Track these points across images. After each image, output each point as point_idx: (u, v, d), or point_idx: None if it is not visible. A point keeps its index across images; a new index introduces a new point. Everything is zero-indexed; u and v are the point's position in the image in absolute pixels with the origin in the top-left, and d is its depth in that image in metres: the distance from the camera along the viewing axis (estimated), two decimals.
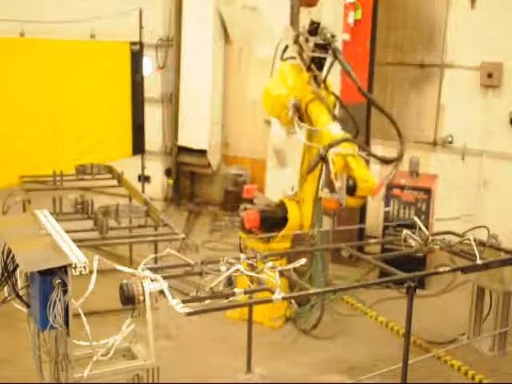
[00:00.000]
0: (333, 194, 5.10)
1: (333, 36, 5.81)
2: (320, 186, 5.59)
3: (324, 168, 5.37)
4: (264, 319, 6.37)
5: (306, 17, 7.26)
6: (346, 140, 5.38)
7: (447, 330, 6.28)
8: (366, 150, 5.44)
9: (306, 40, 5.89)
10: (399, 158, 5.54)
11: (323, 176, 5.42)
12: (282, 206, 6.42)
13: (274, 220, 6.37)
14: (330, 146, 5.30)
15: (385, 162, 5.66)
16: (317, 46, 5.85)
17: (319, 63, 5.97)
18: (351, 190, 5.27)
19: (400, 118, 9.07)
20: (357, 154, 5.33)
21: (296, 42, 6.06)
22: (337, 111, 6.38)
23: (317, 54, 5.86)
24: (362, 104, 8.01)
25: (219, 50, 10.30)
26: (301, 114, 5.99)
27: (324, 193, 5.18)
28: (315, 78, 5.99)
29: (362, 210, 8.34)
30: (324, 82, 6.05)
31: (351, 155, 5.33)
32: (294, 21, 5.98)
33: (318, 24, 5.85)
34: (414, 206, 7.54)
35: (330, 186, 5.04)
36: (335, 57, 5.82)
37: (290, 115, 5.95)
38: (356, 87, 5.71)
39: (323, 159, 5.25)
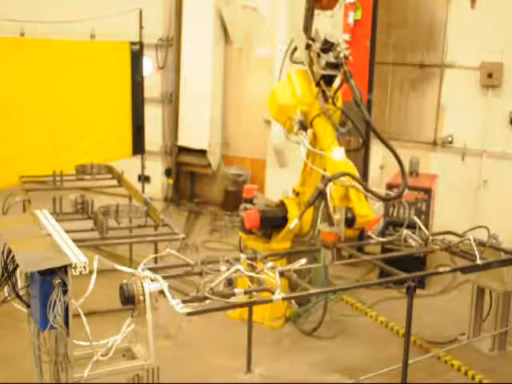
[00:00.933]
0: (331, 227, 5.11)
1: (346, 57, 5.70)
2: (318, 220, 5.60)
3: (323, 202, 5.33)
4: (264, 319, 6.37)
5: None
6: (345, 174, 5.36)
7: (447, 330, 6.28)
8: (364, 186, 5.40)
9: (318, 55, 5.77)
10: (398, 196, 5.53)
11: (321, 210, 5.42)
12: (281, 206, 6.42)
13: (274, 220, 6.37)
14: (329, 180, 5.29)
15: (383, 199, 5.63)
16: (328, 64, 5.73)
17: (329, 79, 5.87)
18: (349, 223, 5.28)
19: (400, 118, 9.10)
20: (357, 186, 5.33)
21: (307, 48, 5.98)
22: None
23: (327, 73, 5.74)
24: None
25: (219, 50, 10.30)
26: (306, 125, 5.95)
27: (322, 226, 5.19)
28: (323, 92, 5.90)
29: None
30: (332, 98, 5.94)
31: (352, 186, 5.34)
32: (308, 26, 5.90)
33: (332, 44, 5.72)
34: (414, 206, 7.54)
35: (329, 219, 5.05)
36: (346, 80, 5.74)
37: (295, 130, 5.92)
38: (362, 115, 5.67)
39: (322, 193, 5.25)
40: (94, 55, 8.28)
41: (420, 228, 5.67)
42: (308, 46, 5.95)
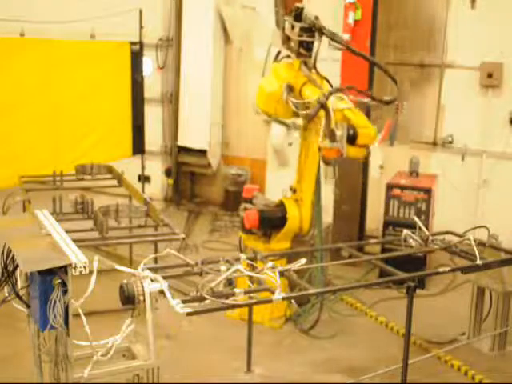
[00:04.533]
0: (333, 143, 5.10)
1: (316, 18, 5.85)
2: (320, 138, 5.58)
3: (324, 119, 5.39)
4: (264, 319, 6.37)
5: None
6: (346, 88, 5.51)
7: (447, 329, 6.28)
8: (364, 92, 5.57)
9: (293, 27, 5.94)
10: (395, 100, 5.76)
11: (323, 126, 5.42)
12: (281, 205, 6.42)
13: (273, 220, 6.37)
14: (331, 93, 5.34)
15: (384, 102, 5.77)
16: (302, 30, 5.90)
17: (308, 48, 6.00)
18: (352, 139, 5.33)
19: (400, 118, 9.09)
20: (354, 107, 5.50)
21: (284, 42, 6.13)
22: None
23: (303, 38, 5.90)
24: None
25: (219, 50, 10.30)
26: (293, 87, 6.04)
27: (324, 143, 5.19)
28: (305, 63, 6.05)
29: (362, 209, 8.35)
30: (314, 66, 6.09)
31: (348, 109, 5.44)
32: (280, 22, 6.11)
33: (302, 9, 5.90)
34: (414, 206, 7.54)
35: (331, 135, 5.06)
36: (321, 33, 5.86)
37: (284, 97, 5.97)
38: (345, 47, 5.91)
39: (323, 107, 5.28)
40: (94, 55, 8.28)
41: (420, 228, 5.67)
42: (285, 41, 6.11)
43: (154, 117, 10.14)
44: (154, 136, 10.12)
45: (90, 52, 8.27)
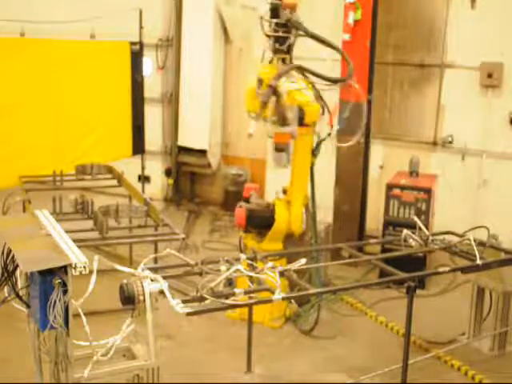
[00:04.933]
0: (285, 127, 5.29)
1: (291, 12, 5.96)
2: (268, 123, 5.80)
3: (274, 103, 5.59)
4: (264, 319, 6.37)
5: None
6: (295, 67, 5.70)
7: (447, 330, 6.28)
8: (313, 72, 5.76)
9: (270, 24, 6.05)
10: (344, 79, 5.92)
11: (273, 110, 5.63)
12: (271, 206, 6.47)
13: (260, 219, 6.44)
14: (280, 75, 5.41)
15: (332, 81, 5.89)
16: (278, 25, 6.00)
17: (286, 44, 6.09)
18: (301, 119, 5.53)
19: (400, 118, 9.09)
20: (303, 87, 5.71)
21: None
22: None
23: (278, 34, 6.02)
24: (361, 104, 8.03)
25: (219, 50, 10.30)
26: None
27: (275, 128, 5.42)
28: (283, 60, 6.14)
29: (362, 209, 8.35)
30: (290, 60, 6.18)
31: (297, 90, 5.62)
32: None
33: (278, 4, 5.99)
34: (414, 206, 7.54)
35: (283, 119, 5.15)
36: (296, 27, 5.95)
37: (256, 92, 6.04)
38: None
39: (274, 91, 5.45)
40: (94, 55, 8.27)
41: (420, 228, 5.67)
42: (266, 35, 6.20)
43: (153, 117, 10.14)
44: (154, 136, 10.12)
45: (90, 52, 8.26)
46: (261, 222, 6.43)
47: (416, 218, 5.76)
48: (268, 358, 5.76)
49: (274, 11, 6.00)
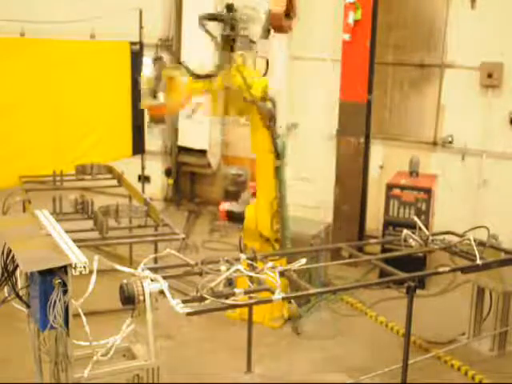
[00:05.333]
0: (155, 100, 5.58)
1: (229, 8, 6.20)
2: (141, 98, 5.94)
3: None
4: (264, 319, 6.37)
5: None
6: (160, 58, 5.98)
7: (447, 330, 6.28)
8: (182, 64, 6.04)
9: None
10: (212, 75, 6.01)
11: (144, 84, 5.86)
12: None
13: (237, 218, 6.69)
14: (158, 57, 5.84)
15: (197, 76, 6.00)
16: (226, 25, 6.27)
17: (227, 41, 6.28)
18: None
19: (400, 118, 9.10)
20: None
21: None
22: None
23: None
24: (361, 104, 8.04)
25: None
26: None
27: (146, 102, 5.65)
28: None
29: (362, 209, 8.35)
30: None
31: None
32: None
33: (231, 4, 6.25)
34: (414, 206, 7.54)
35: (152, 92, 5.54)
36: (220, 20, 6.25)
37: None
38: None
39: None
40: (94, 55, 8.27)
41: (420, 228, 5.67)
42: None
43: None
44: (153, 136, 10.11)
45: (90, 52, 8.26)
46: (238, 220, 6.66)
47: (416, 218, 5.76)
48: (268, 358, 5.76)
49: (230, 10, 6.24)
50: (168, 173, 10.70)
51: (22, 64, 7.35)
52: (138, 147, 8.98)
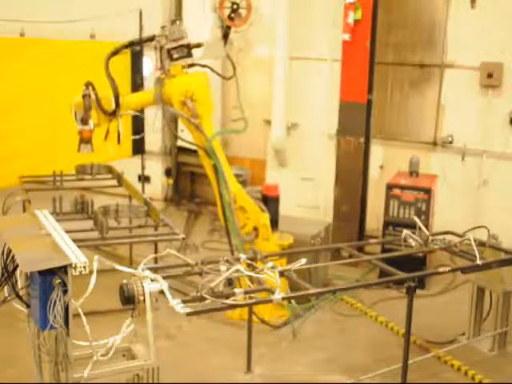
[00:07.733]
0: (86, 126, 6.19)
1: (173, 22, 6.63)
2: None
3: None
4: (264, 319, 6.37)
5: None
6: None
7: (447, 330, 6.28)
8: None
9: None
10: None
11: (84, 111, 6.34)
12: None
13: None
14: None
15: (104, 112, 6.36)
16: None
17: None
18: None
19: (400, 118, 9.10)
20: None
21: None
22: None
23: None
24: (361, 104, 8.04)
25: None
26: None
27: (79, 128, 6.25)
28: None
29: (362, 209, 8.35)
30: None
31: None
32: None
33: (175, 20, 6.68)
34: (414, 206, 7.54)
35: (87, 119, 6.17)
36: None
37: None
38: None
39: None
40: (94, 55, 8.26)
41: (420, 228, 5.67)
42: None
43: (154, 117, 10.11)
44: (154, 136, 10.11)
45: (90, 52, 8.26)
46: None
47: (416, 218, 5.76)
48: (268, 358, 5.76)
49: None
50: (168, 173, 10.70)
51: (22, 64, 7.34)
52: (138, 147, 8.97)
